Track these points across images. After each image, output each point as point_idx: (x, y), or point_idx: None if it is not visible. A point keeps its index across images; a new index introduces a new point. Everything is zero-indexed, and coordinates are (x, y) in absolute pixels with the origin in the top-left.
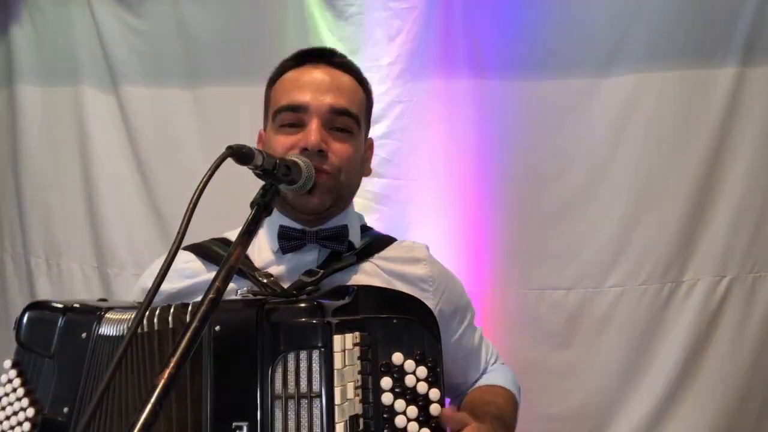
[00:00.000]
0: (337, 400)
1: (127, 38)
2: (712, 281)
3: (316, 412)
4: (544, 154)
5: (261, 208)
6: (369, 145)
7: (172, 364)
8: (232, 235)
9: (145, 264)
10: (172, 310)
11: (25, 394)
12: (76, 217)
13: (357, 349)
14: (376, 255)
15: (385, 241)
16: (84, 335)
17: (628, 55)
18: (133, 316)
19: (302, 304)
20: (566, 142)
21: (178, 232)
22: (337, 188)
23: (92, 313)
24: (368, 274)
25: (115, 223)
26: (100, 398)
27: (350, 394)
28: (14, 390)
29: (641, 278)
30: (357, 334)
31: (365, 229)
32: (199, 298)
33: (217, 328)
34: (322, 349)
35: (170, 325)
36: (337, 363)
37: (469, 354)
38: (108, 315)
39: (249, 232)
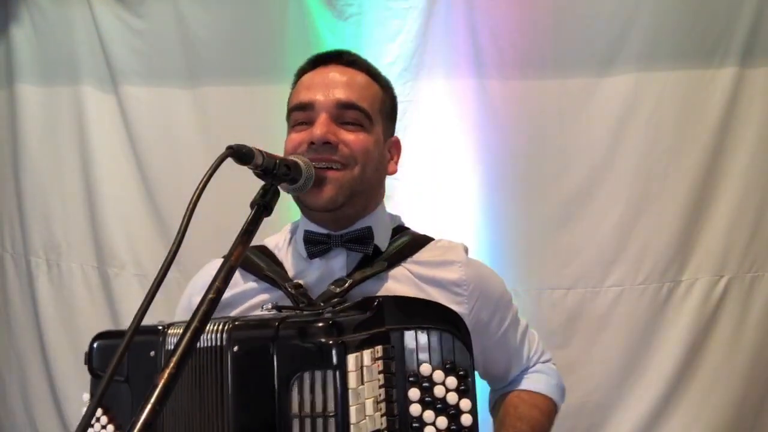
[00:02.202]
0: (353, 419)
1: (127, 38)
2: (710, 281)
3: (332, 431)
4: (544, 154)
5: (261, 208)
6: (393, 143)
7: (172, 364)
8: (271, 242)
9: (146, 264)
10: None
11: (109, 421)
12: (76, 217)
13: (379, 363)
14: (409, 259)
15: (420, 242)
16: (152, 353)
17: (628, 55)
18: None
19: (319, 324)
20: (566, 142)
21: (178, 232)
22: (350, 183)
23: (156, 332)
24: (399, 280)
25: (115, 223)
26: (100, 398)
27: (369, 410)
28: (98, 419)
29: (640, 278)
30: (379, 348)
31: (401, 229)
32: (236, 310)
33: (236, 348)
34: (337, 370)
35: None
36: (352, 382)
37: (509, 353)
38: (171, 330)
39: (249, 232)
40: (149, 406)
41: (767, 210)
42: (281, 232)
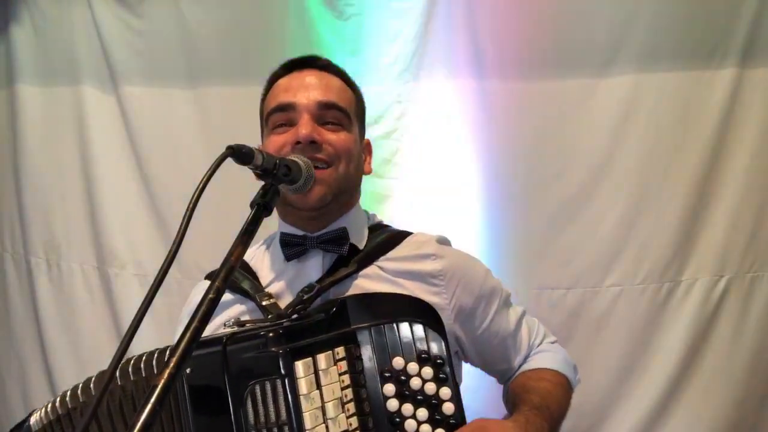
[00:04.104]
0: (307, 424)
1: (127, 38)
2: (710, 281)
3: None
4: (544, 154)
5: (261, 208)
6: (366, 145)
7: (172, 364)
8: (247, 254)
9: (146, 264)
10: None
11: None
12: (76, 217)
13: (341, 364)
14: (382, 257)
15: (395, 239)
16: None
17: (628, 55)
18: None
19: (269, 334)
20: (566, 142)
21: (178, 232)
22: (336, 180)
23: (21, 425)
24: (371, 279)
25: (115, 223)
26: None
27: (332, 413)
28: None
29: (640, 278)
30: (340, 349)
31: (378, 227)
32: (212, 324)
33: (188, 370)
34: (285, 378)
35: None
36: (303, 388)
37: (505, 339)
38: (33, 415)
39: (249, 232)
40: (149, 407)
41: (767, 210)
42: (257, 245)
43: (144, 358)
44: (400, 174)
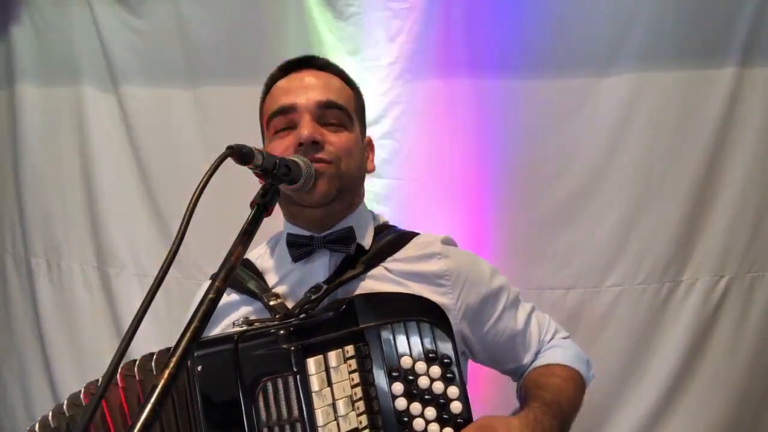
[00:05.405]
0: (320, 421)
1: (127, 38)
2: (710, 281)
3: None
4: (544, 154)
5: (261, 208)
6: (368, 142)
7: (172, 364)
8: (253, 254)
9: (146, 264)
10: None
11: None
12: (76, 217)
13: (350, 362)
14: (389, 258)
15: (401, 240)
16: None
17: (628, 55)
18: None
19: (279, 331)
20: (566, 142)
21: (178, 232)
22: (338, 176)
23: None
24: (378, 280)
25: (115, 223)
26: None
27: (342, 410)
28: None
29: (640, 278)
30: (349, 347)
31: (384, 227)
32: (220, 325)
33: (200, 368)
34: (297, 375)
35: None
36: (315, 385)
37: (513, 336)
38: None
39: (249, 232)
40: (149, 406)
41: (767, 210)
42: (262, 245)
43: (137, 362)
44: (400, 174)
